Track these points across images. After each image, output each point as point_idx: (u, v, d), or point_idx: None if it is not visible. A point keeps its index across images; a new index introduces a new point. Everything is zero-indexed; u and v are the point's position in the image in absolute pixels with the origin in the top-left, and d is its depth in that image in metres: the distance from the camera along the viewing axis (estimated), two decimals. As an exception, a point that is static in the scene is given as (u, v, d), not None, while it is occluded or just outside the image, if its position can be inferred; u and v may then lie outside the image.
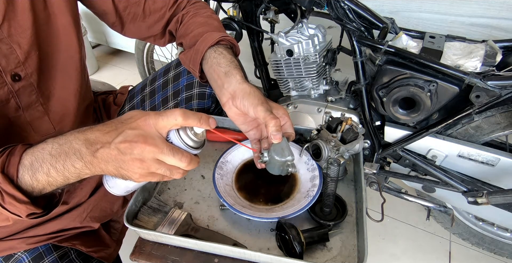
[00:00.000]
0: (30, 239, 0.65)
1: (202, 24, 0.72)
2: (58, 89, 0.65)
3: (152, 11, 0.74)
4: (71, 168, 0.42)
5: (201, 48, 0.66)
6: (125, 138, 0.41)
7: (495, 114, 0.85)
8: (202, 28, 0.70)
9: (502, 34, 1.18)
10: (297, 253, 0.54)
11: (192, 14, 0.74)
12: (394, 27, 0.94)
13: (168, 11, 0.75)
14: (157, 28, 0.77)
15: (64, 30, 0.62)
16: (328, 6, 0.89)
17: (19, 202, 0.42)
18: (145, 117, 0.43)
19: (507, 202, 0.78)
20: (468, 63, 0.82)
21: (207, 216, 0.65)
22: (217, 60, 0.64)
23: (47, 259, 0.65)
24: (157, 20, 0.75)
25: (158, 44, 0.82)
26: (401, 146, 0.97)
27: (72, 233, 0.71)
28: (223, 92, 0.61)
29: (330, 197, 0.62)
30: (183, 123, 0.43)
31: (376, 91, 0.92)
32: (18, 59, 0.56)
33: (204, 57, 0.66)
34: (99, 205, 0.75)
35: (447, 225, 1.23)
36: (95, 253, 0.71)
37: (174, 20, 0.75)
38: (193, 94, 0.85)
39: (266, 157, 0.61)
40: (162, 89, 0.86)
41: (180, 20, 0.75)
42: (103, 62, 2.53)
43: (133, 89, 0.92)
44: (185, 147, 0.46)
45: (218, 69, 0.63)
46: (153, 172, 0.44)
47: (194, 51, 0.68)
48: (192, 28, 0.71)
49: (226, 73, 0.62)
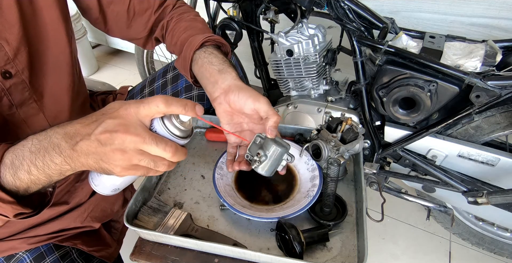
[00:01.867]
0: (31, 239, 0.65)
1: (186, 29, 0.71)
2: (51, 85, 0.64)
3: (137, 12, 0.73)
4: (51, 164, 0.40)
5: (187, 55, 0.66)
6: (105, 128, 0.39)
7: (495, 114, 0.85)
8: (186, 34, 0.70)
9: (502, 34, 1.18)
10: (297, 253, 0.54)
11: (176, 20, 0.74)
12: (394, 27, 0.94)
13: (154, 14, 0.74)
14: (141, 32, 0.76)
15: (52, 24, 0.61)
16: (328, 6, 0.89)
17: (3, 202, 0.41)
18: (126, 106, 0.41)
19: (507, 202, 0.79)
20: (468, 63, 0.82)
21: (207, 216, 0.65)
22: (209, 60, 0.63)
23: (49, 259, 0.65)
24: (142, 23, 0.74)
25: (144, 47, 0.81)
26: (401, 145, 0.97)
27: (73, 233, 0.71)
28: (216, 88, 0.60)
29: (330, 197, 0.62)
30: (166, 110, 0.41)
31: (376, 91, 0.92)
32: (7, 56, 0.55)
33: (193, 59, 0.66)
34: (99, 205, 0.75)
35: (447, 225, 1.23)
36: (96, 253, 0.71)
37: (159, 27, 0.75)
38: (193, 95, 0.85)
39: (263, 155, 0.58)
40: (161, 91, 0.86)
41: (165, 27, 0.75)
42: (103, 62, 2.53)
43: (133, 90, 0.92)
44: (170, 136, 0.44)
45: (211, 68, 0.62)
46: (136, 164, 0.41)
47: (182, 59, 0.68)
48: (178, 35, 0.71)
49: (220, 71, 0.61)
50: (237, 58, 1.10)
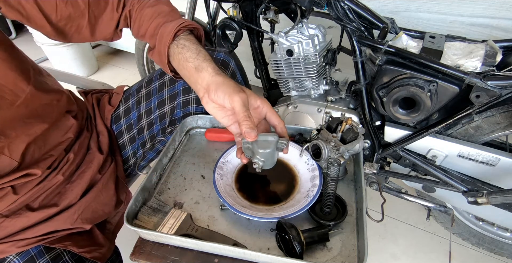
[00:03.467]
0: (20, 242, 0.64)
1: (152, 16, 0.67)
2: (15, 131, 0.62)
3: (97, 16, 0.68)
4: None
5: (162, 50, 0.64)
6: None
7: (495, 114, 0.85)
8: (155, 22, 0.66)
9: (502, 34, 1.18)
10: (297, 253, 0.54)
11: (138, 7, 0.69)
12: (394, 27, 0.94)
13: (116, 11, 0.69)
14: (107, 32, 0.72)
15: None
16: (328, 6, 0.89)
17: None
18: None
19: (507, 202, 0.78)
20: (468, 63, 0.82)
21: (207, 216, 0.65)
22: (183, 56, 0.62)
23: (39, 262, 0.64)
24: (105, 24, 0.70)
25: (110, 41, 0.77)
26: (401, 145, 0.97)
27: (63, 234, 0.69)
28: (198, 87, 0.60)
29: (330, 197, 0.62)
30: None
31: (376, 91, 0.92)
32: None
33: (169, 54, 0.65)
34: (90, 206, 0.73)
35: (447, 225, 1.23)
36: (88, 254, 0.69)
37: (122, 18, 0.71)
38: (191, 98, 0.84)
39: (261, 160, 0.62)
40: (158, 92, 0.85)
41: (128, 16, 0.70)
42: (103, 62, 2.53)
43: (129, 90, 0.91)
44: None
45: (187, 65, 0.61)
46: None
47: (157, 53, 0.66)
48: (145, 26, 0.67)
49: (196, 68, 0.60)
50: (237, 59, 1.10)
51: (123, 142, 0.88)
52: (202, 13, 1.21)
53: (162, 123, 0.88)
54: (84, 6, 0.65)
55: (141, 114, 0.87)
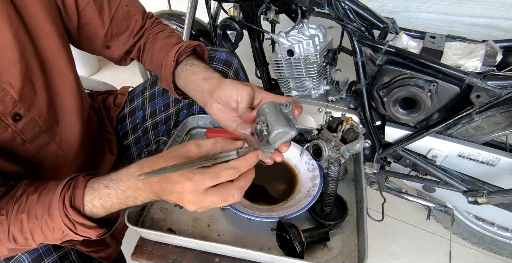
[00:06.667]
0: None
1: (161, 49, 0.71)
2: (60, 114, 0.64)
3: (114, 35, 0.71)
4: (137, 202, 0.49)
5: (167, 76, 0.67)
6: None
7: (495, 114, 0.86)
8: (162, 53, 0.70)
9: (502, 34, 1.18)
10: (297, 253, 0.54)
11: (152, 40, 0.73)
12: (395, 27, 0.94)
13: (132, 38, 0.73)
14: (117, 53, 0.74)
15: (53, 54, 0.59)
16: (328, 6, 0.89)
17: (89, 228, 0.49)
18: None
19: (507, 201, 0.79)
20: (468, 63, 0.82)
21: (208, 215, 0.65)
22: (192, 71, 0.64)
23: (47, 260, 0.64)
24: (119, 45, 0.73)
25: (116, 64, 0.80)
26: (402, 145, 0.97)
27: None
28: (204, 94, 0.61)
29: (331, 196, 0.62)
30: None
31: (377, 91, 0.92)
32: (14, 99, 0.54)
33: (175, 75, 0.67)
34: None
35: (447, 224, 1.24)
36: (95, 253, 0.70)
37: (136, 48, 0.74)
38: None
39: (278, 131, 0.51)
40: (163, 94, 0.86)
41: (142, 48, 0.74)
42: (104, 62, 2.53)
43: (133, 91, 0.91)
44: None
45: (195, 78, 0.63)
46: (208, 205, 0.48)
47: (164, 80, 0.69)
48: (157, 56, 0.71)
49: (204, 78, 0.62)
50: (238, 59, 1.11)
51: (128, 143, 0.89)
52: (203, 13, 1.22)
53: (167, 125, 0.89)
54: (107, 18, 0.68)
55: (146, 115, 0.87)
